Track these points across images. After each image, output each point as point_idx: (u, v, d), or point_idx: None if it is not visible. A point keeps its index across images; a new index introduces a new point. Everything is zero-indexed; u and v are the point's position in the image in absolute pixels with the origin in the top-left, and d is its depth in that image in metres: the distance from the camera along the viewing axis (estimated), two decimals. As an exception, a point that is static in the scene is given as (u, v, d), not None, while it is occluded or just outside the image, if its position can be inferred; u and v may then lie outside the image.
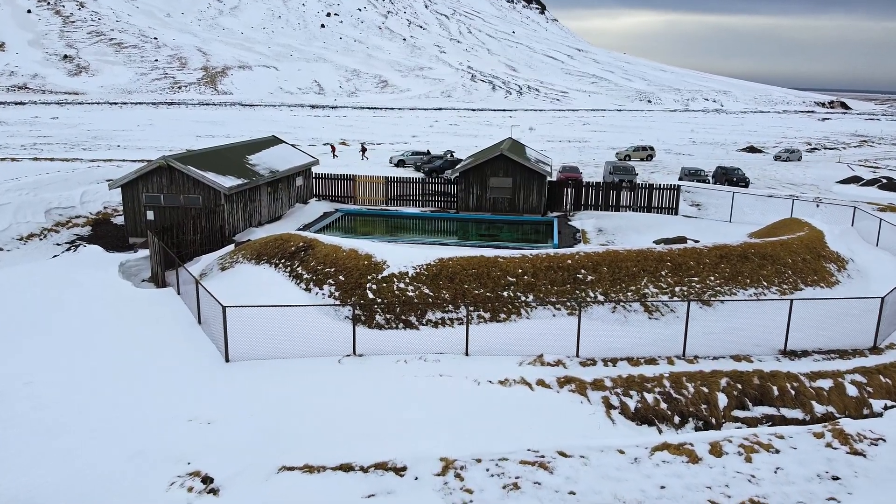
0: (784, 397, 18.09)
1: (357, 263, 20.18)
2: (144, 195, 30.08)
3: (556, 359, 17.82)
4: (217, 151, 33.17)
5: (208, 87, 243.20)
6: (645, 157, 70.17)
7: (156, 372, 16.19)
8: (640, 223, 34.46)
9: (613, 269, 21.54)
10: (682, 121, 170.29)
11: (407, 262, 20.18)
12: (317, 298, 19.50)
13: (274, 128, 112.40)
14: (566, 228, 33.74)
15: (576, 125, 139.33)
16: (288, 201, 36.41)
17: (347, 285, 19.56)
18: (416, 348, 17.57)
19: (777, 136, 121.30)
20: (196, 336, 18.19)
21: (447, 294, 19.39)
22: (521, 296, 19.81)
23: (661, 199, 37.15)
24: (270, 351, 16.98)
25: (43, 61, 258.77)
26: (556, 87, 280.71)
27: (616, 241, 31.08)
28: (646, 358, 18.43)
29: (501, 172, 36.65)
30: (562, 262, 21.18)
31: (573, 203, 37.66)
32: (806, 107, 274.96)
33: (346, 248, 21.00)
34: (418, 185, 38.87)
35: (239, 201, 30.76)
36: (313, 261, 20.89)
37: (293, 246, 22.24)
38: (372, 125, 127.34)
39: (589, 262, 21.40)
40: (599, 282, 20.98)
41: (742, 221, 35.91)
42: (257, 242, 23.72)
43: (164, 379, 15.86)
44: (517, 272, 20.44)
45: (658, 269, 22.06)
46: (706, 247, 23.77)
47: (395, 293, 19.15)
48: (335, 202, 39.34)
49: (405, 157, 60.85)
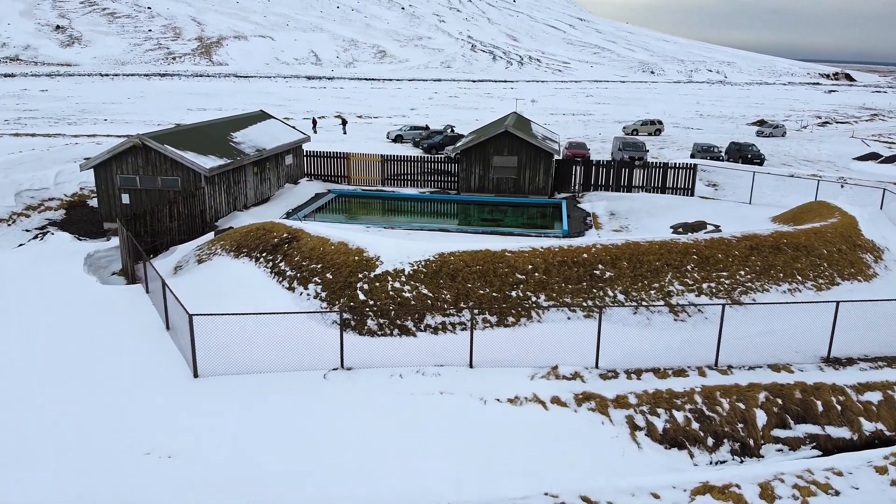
0: (829, 413, 15.97)
1: (347, 259, 17.90)
2: (119, 177, 27.69)
3: (573, 371, 15.64)
4: (198, 128, 30.68)
5: (203, 58, 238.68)
6: (653, 132, 67.47)
7: (112, 391, 14.00)
8: (654, 205, 32.12)
9: (634, 263, 19.28)
10: (686, 92, 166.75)
11: (403, 257, 17.90)
12: (301, 299, 17.25)
13: (268, 100, 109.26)
14: (575, 212, 31.40)
15: (579, 97, 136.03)
16: (277, 182, 34.01)
17: (335, 285, 17.30)
18: (414, 359, 15.38)
19: (784, 109, 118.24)
20: (163, 345, 15.98)
21: (448, 295, 17.15)
22: (531, 296, 17.57)
23: (677, 179, 34.74)
24: (246, 364, 14.79)
25: (35, 32, 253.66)
26: (557, 57, 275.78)
27: (630, 227, 28.77)
28: (674, 368, 16.26)
29: (506, 150, 34.18)
30: (577, 256, 18.90)
31: (582, 183, 35.27)
32: (810, 78, 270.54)
33: (335, 241, 18.71)
34: (417, 164, 36.43)
35: (222, 183, 28.38)
36: (298, 255, 18.61)
37: (276, 237, 19.94)
38: (369, 97, 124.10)
39: (607, 256, 19.13)
40: (619, 279, 18.73)
41: (763, 203, 33.56)
42: (238, 232, 21.42)
43: (122, 401, 13.67)
44: (527, 268, 18.17)
45: (683, 263, 19.81)
46: (735, 237, 21.48)
47: (390, 294, 16.90)
48: (328, 182, 36.92)
49: (403, 132, 58.23)
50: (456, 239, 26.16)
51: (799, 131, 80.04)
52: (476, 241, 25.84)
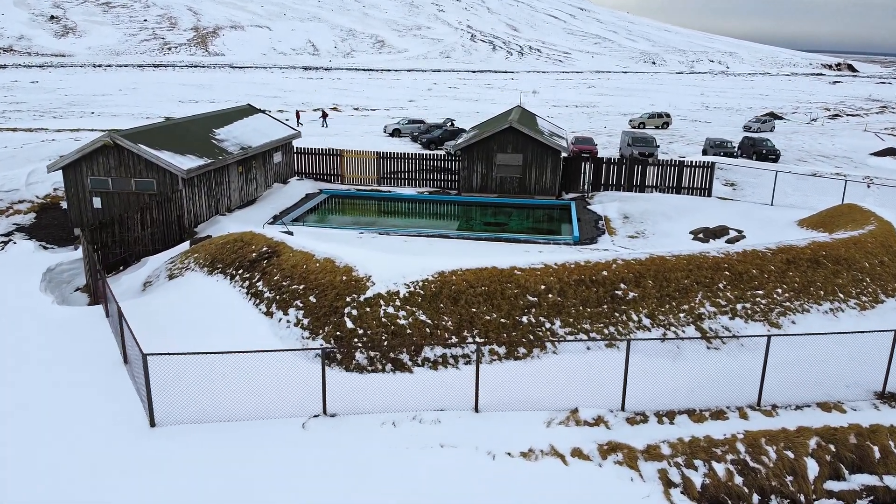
0: (887, 460, 13.78)
1: (333, 279, 15.63)
2: (89, 179, 25.38)
3: (596, 414, 13.41)
4: (178, 125, 28.32)
5: (199, 48, 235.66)
6: (661, 125, 65.06)
7: (50, 444, 11.76)
8: (670, 207, 29.84)
9: (660, 281, 17.03)
10: (689, 83, 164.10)
11: (397, 276, 15.63)
12: (279, 327, 15.00)
13: (263, 91, 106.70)
14: (586, 215, 29.11)
15: (581, 88, 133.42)
16: (264, 181, 31.69)
17: (319, 310, 15.04)
18: (409, 401, 13.14)
19: (791, 101, 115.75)
20: (118, 383, 13.73)
21: (450, 322, 14.90)
22: (545, 322, 15.33)
23: (693, 178, 32.45)
24: (211, 411, 12.54)
25: (29, 22, 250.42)
26: (558, 47, 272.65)
27: (646, 232, 26.50)
28: (711, 409, 14.03)
29: (510, 147, 31.86)
30: (596, 273, 16.65)
31: (591, 182, 32.96)
32: (813, 69, 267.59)
33: (320, 258, 16.43)
34: (415, 162, 34.11)
35: (202, 185, 26.07)
36: (278, 274, 16.35)
37: (255, 251, 17.67)
38: (367, 88, 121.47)
39: (630, 274, 16.88)
40: (644, 300, 16.48)
41: (785, 204, 31.31)
42: (213, 244, 19.14)
43: (60, 459, 11.43)
44: (539, 289, 15.92)
45: (714, 281, 17.56)
46: (770, 249, 19.22)
47: (382, 321, 14.65)
48: (320, 181, 34.60)
49: (401, 126, 55.82)
50: (457, 246, 23.91)
51: (809, 124, 77.68)
52: (479, 249, 23.59)
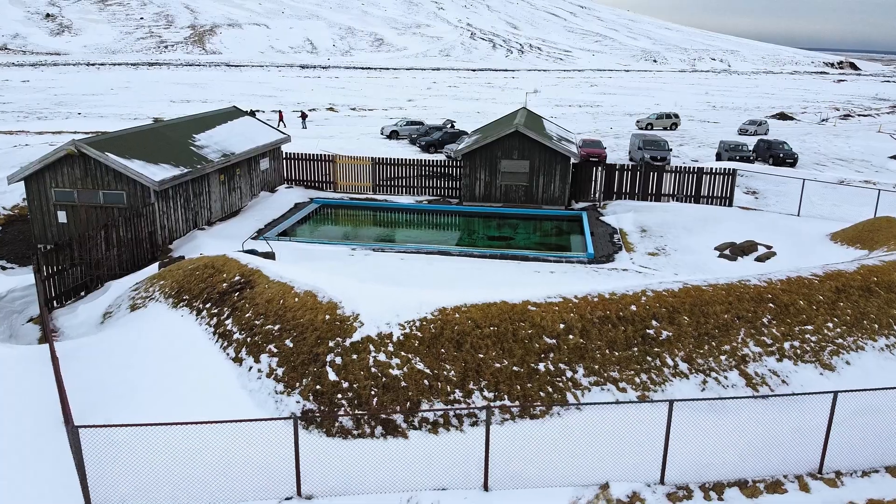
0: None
1: (314, 318, 13.25)
2: (53, 191, 23.00)
3: (631, 490, 11.06)
4: (154, 130, 25.92)
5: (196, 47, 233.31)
6: (669, 126, 62.66)
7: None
8: (689, 218, 27.47)
9: (697, 317, 14.66)
10: (692, 82, 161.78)
11: (390, 315, 13.26)
12: (249, 377, 12.62)
13: (259, 90, 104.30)
14: (599, 227, 26.74)
15: (583, 87, 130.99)
16: (250, 190, 29.30)
17: (297, 357, 12.67)
18: (403, 477, 10.78)
19: (797, 100, 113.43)
20: (54, 449, 11.36)
21: (452, 371, 12.53)
22: (566, 370, 12.96)
23: (713, 187, 30.08)
24: (162, 496, 10.18)
25: (24, 20, 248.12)
26: (558, 45, 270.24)
27: (667, 248, 24.12)
28: (766, 480, 11.68)
29: (516, 153, 29.48)
30: (623, 308, 14.28)
31: (603, 190, 30.59)
32: (815, 67, 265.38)
33: (300, 291, 14.05)
34: (413, 169, 31.72)
35: (178, 197, 23.69)
36: (250, 310, 13.96)
37: (226, 281, 15.30)
38: (365, 87, 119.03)
39: (663, 309, 14.51)
40: (680, 340, 14.11)
41: (813, 215, 28.98)
42: (181, 270, 16.76)
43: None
44: (558, 329, 13.55)
45: (758, 315, 15.19)
46: (816, 276, 16.85)
47: (372, 372, 12.28)
48: (310, 189, 32.22)
49: (399, 128, 53.45)
50: (459, 265, 21.54)
51: (820, 125, 75.34)
52: (484, 268, 21.23)
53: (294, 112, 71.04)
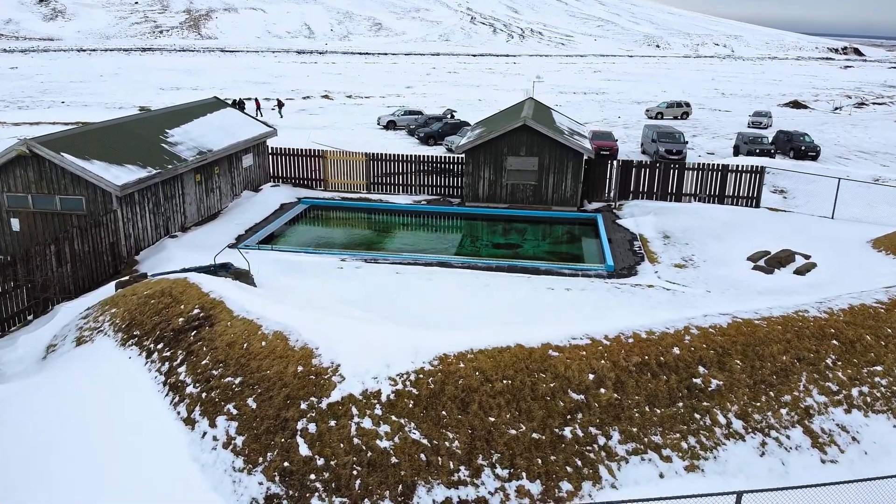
0: None
1: (284, 370, 10.71)
2: (5, 196, 20.40)
3: None
4: (120, 126, 23.23)
5: (191, 32, 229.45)
6: (680, 115, 59.85)
7: None
8: (716, 222, 24.90)
9: (751, 360, 12.13)
10: (697, 68, 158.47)
11: (379, 364, 10.72)
12: (202, 447, 10.10)
13: (253, 77, 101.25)
14: (617, 232, 24.16)
15: (586, 73, 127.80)
16: (231, 190, 26.68)
17: (261, 423, 10.14)
18: (394, 590, 8.29)
19: (806, 87, 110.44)
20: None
21: (456, 440, 10.01)
22: (597, 435, 10.44)
23: (739, 186, 27.48)
24: None
25: (17, 5, 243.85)
26: (559, 30, 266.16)
27: (695, 259, 21.55)
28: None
29: (524, 150, 26.83)
30: (664, 351, 11.73)
31: (618, 189, 27.97)
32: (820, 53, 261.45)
33: (269, 331, 11.50)
34: (410, 165, 29.08)
35: (145, 201, 21.09)
36: (208, 356, 11.42)
37: (183, 314, 12.74)
38: (362, 73, 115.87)
39: (710, 351, 11.97)
40: (732, 390, 11.59)
41: (847, 217, 26.38)
42: (136, 296, 14.21)
43: None
44: (586, 381, 11.01)
45: (821, 356, 12.65)
46: (881, 304, 14.30)
47: (354, 444, 9.75)
48: (298, 187, 29.58)
49: (396, 118, 50.71)
50: (461, 280, 18.99)
51: (834, 113, 72.54)
52: (490, 282, 18.67)
53: (267, 101, 67.24)
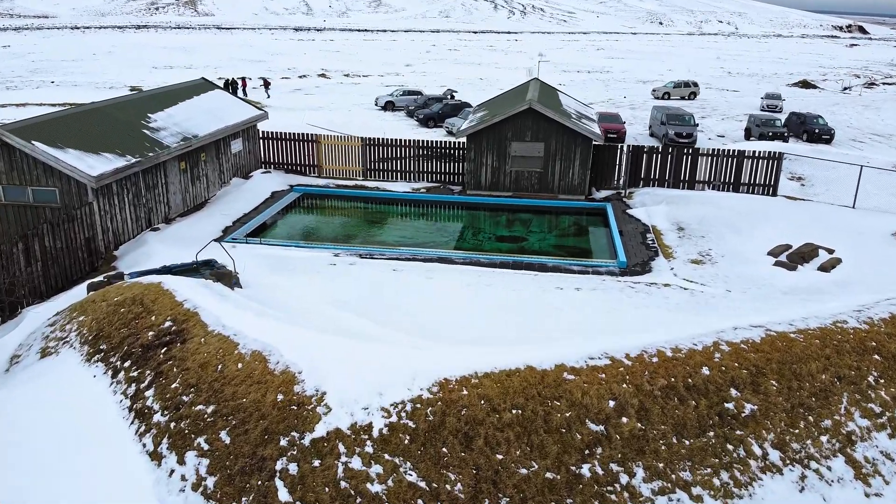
0: None
1: (262, 398, 9.42)
2: (-28, 185, 19.03)
3: None
4: (98, 111, 21.75)
5: (188, 9, 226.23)
6: (688, 96, 58.16)
7: None
8: (732, 212, 23.53)
9: (788, 380, 10.84)
10: (702, 46, 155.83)
11: (371, 392, 9.43)
12: (169, 487, 8.85)
13: (249, 55, 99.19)
14: (628, 223, 22.80)
15: (589, 51, 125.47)
16: (219, 178, 25.27)
17: (235, 461, 8.88)
18: None
19: (812, 66, 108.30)
20: None
21: (459, 482, 8.75)
22: (619, 473, 9.18)
23: (755, 173, 26.08)
24: None
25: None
26: (561, 6, 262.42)
27: (713, 254, 20.20)
28: None
29: (529, 135, 25.39)
30: (692, 372, 10.45)
31: (627, 176, 26.56)
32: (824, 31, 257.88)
33: (246, 351, 10.20)
34: (409, 150, 27.65)
35: (124, 192, 19.71)
36: (178, 377, 10.13)
37: (153, 327, 11.44)
38: (361, 50, 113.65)
39: (743, 370, 10.68)
40: (768, 415, 10.32)
41: (869, 207, 25.06)
42: (104, 303, 12.90)
43: None
44: (605, 409, 9.74)
45: (862, 373, 11.36)
46: (929, 309, 12.99)
47: (342, 489, 8.50)
48: (291, 174, 28.15)
49: (395, 98, 49.10)
50: (462, 278, 17.67)
51: (844, 93, 70.79)
52: (494, 281, 17.35)
53: (252, 79, 64.81)
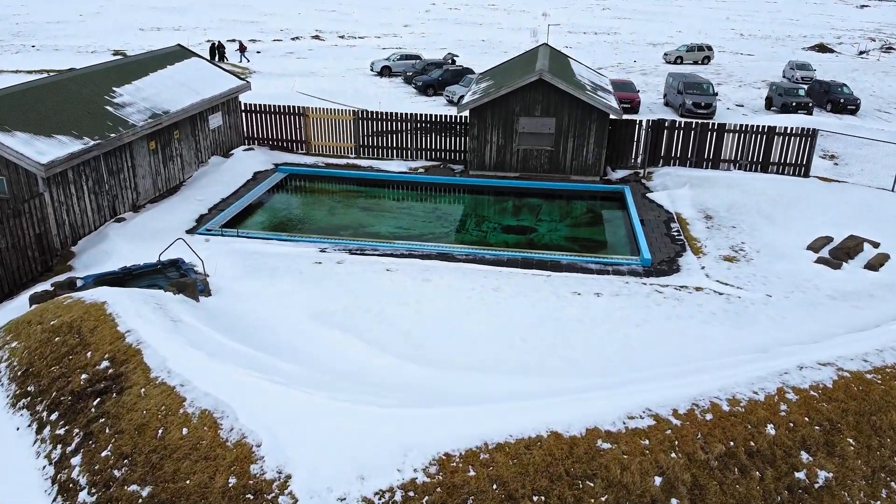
0: None
1: (210, 480, 7.32)
2: None
3: None
4: (56, 85, 19.26)
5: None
6: (701, 60, 55.18)
7: None
8: (763, 197, 21.24)
9: (867, 437, 8.78)
10: (711, 5, 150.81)
11: (349, 472, 7.32)
12: None
13: (241, 15, 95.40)
14: (649, 211, 20.54)
15: (595, 11, 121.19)
16: (195, 157, 22.92)
17: (176, 570, 6.83)
18: None
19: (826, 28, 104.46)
20: None
21: None
22: (669, 579, 7.15)
23: (786, 151, 23.72)
24: None
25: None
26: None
27: (746, 248, 17.97)
28: None
29: (539, 109, 22.96)
30: (754, 433, 8.35)
31: (647, 154, 24.20)
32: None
33: (194, 410, 8.08)
34: (405, 125, 25.23)
35: (83, 179, 17.42)
36: (110, 444, 8.05)
37: (88, 367, 9.33)
38: (357, 10, 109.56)
39: (815, 427, 8.60)
40: (845, 483, 8.26)
41: (912, 189, 22.73)
42: (39, 328, 10.77)
43: None
44: (651, 488, 7.65)
45: (958, 422, 9.29)
46: None
47: None
48: (276, 151, 25.75)
49: (391, 63, 46.29)
50: (463, 282, 15.49)
51: (861, 58, 67.62)
52: (501, 285, 15.18)
53: (231, 42, 60.88)
